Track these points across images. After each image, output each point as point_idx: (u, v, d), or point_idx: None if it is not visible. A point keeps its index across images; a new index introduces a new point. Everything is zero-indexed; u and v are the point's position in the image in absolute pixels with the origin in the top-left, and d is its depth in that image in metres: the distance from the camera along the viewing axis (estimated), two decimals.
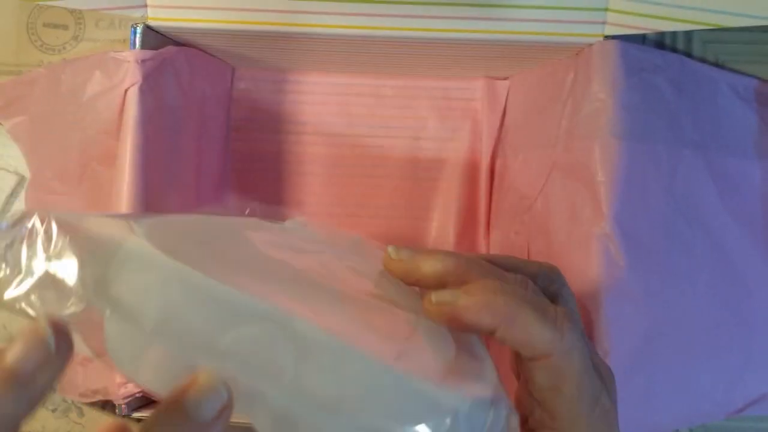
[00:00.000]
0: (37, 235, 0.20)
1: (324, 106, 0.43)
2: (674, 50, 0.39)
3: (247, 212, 0.29)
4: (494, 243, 0.43)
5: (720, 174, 0.38)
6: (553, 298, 0.28)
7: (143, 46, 0.35)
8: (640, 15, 0.33)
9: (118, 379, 0.32)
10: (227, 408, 0.20)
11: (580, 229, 0.34)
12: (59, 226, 0.20)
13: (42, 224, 0.20)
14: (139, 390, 0.32)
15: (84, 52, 0.41)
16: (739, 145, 0.38)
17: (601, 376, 0.27)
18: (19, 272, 0.20)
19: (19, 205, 0.41)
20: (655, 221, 0.36)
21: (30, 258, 0.20)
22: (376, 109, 0.43)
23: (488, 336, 0.25)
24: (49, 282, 0.20)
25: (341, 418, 0.19)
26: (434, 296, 0.25)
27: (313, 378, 0.19)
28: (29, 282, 0.20)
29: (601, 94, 0.34)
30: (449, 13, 0.34)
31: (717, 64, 0.39)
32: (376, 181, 0.43)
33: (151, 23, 0.35)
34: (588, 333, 0.33)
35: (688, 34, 0.39)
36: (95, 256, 0.20)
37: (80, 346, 0.20)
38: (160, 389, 0.20)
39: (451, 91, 0.44)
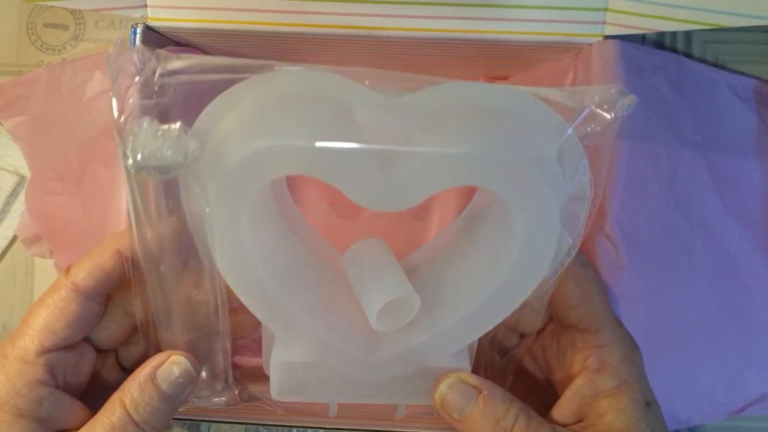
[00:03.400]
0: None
1: None
2: (674, 50, 0.39)
3: None
4: None
5: (720, 174, 0.38)
6: None
7: None
8: (640, 15, 0.33)
9: None
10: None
11: None
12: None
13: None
14: None
15: (84, 52, 0.41)
16: (738, 145, 0.38)
17: None
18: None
19: (18, 205, 0.41)
20: (655, 221, 0.36)
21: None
22: None
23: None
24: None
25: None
26: (445, 390, 0.27)
27: None
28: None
29: None
30: (448, 13, 0.34)
31: (717, 65, 0.39)
32: None
33: (151, 23, 0.35)
34: None
35: (688, 34, 0.39)
36: None
37: None
38: None
39: None
